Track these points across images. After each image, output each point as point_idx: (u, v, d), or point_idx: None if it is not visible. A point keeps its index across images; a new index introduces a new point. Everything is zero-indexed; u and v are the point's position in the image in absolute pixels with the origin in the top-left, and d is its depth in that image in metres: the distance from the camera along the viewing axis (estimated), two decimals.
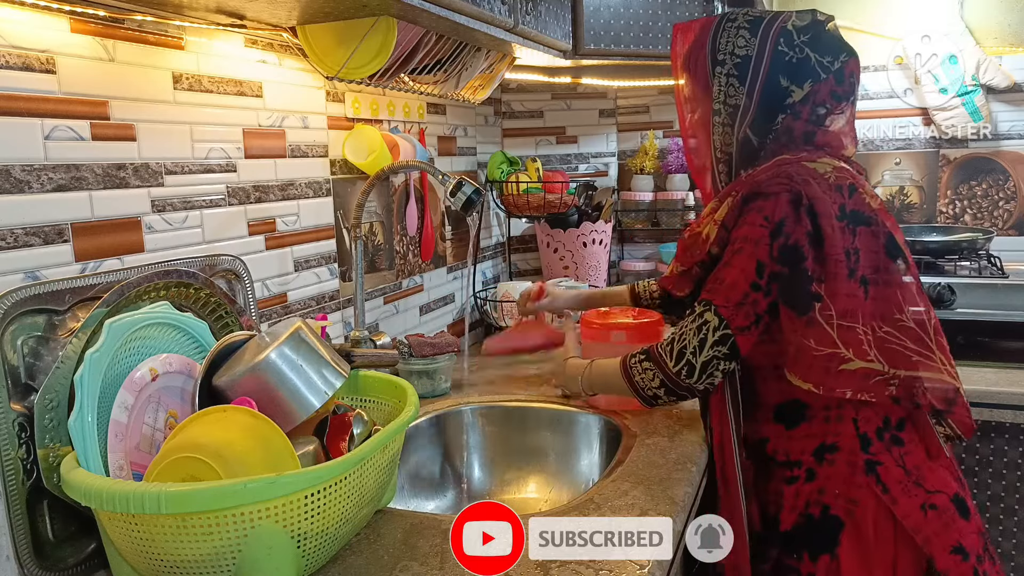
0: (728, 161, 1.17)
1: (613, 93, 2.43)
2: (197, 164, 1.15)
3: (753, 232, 1.06)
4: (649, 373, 1.12)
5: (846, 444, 1.08)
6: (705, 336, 1.07)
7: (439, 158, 1.92)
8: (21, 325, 0.86)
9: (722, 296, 1.07)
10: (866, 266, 1.05)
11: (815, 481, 1.09)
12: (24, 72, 0.90)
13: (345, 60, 1.25)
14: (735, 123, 1.14)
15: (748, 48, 1.12)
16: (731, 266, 1.07)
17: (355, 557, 0.95)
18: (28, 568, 0.85)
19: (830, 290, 1.03)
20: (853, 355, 1.03)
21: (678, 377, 1.09)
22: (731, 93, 1.14)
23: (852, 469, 1.06)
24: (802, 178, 1.05)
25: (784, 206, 1.04)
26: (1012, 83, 2.09)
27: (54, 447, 0.86)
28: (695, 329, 1.08)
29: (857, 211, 1.06)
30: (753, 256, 1.05)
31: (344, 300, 1.52)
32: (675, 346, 1.10)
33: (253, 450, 0.84)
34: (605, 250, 2.26)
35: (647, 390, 1.14)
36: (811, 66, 1.10)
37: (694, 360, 1.08)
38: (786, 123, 1.13)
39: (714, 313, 1.07)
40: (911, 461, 1.06)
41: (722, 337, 1.07)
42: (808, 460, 1.09)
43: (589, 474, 1.47)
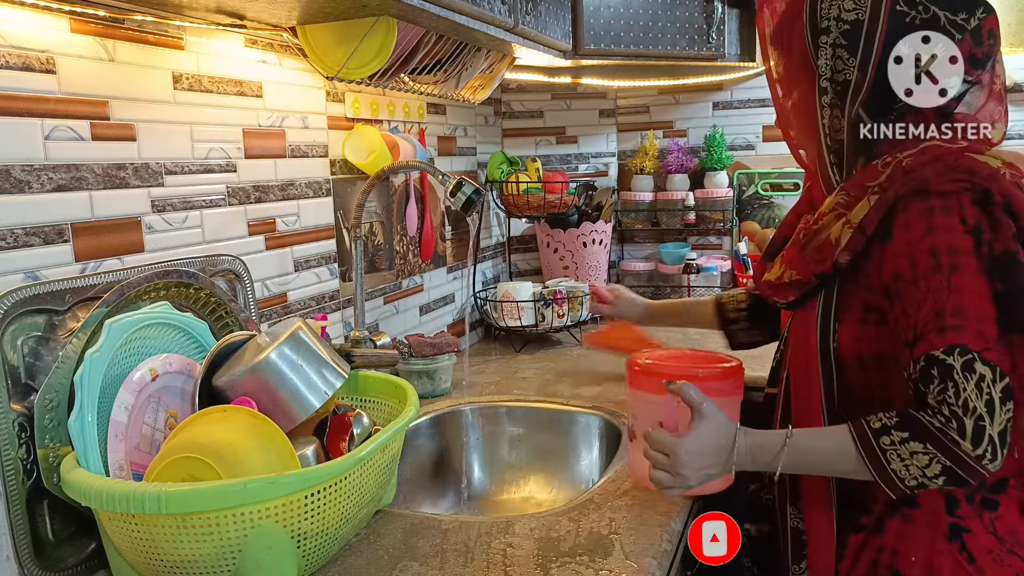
0: (839, 150, 0.96)
1: (613, 93, 2.43)
2: (197, 164, 1.15)
3: (958, 240, 0.83)
4: (923, 458, 0.82)
5: (928, 502, 0.90)
6: (991, 396, 0.80)
7: (439, 158, 1.92)
8: (21, 325, 0.86)
9: (975, 335, 0.81)
10: None
11: (883, 535, 0.91)
12: (24, 72, 0.90)
13: (345, 60, 1.25)
14: (845, 103, 0.93)
15: (858, 11, 0.91)
16: (956, 291, 0.82)
17: (355, 557, 0.96)
18: (28, 568, 0.85)
19: None
20: None
21: (979, 463, 0.80)
22: (839, 67, 0.93)
23: (933, 533, 0.89)
24: (988, 172, 0.85)
25: (970, 208, 0.83)
26: (1012, 83, 2.09)
27: (54, 447, 0.86)
28: (975, 391, 0.80)
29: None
30: (979, 270, 0.82)
31: (344, 300, 1.52)
32: (967, 422, 0.80)
33: (253, 450, 0.84)
34: (605, 250, 2.26)
35: (913, 479, 0.83)
36: (941, 27, 0.89)
37: (993, 434, 0.80)
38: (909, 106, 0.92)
39: (983, 363, 0.80)
40: (1004, 527, 0.89)
41: (1005, 391, 0.80)
42: (880, 509, 0.92)
43: (589, 474, 1.47)
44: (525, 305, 1.98)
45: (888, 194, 0.87)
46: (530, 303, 1.98)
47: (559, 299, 1.97)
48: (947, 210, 0.84)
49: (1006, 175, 0.86)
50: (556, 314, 1.97)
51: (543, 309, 1.98)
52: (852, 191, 0.92)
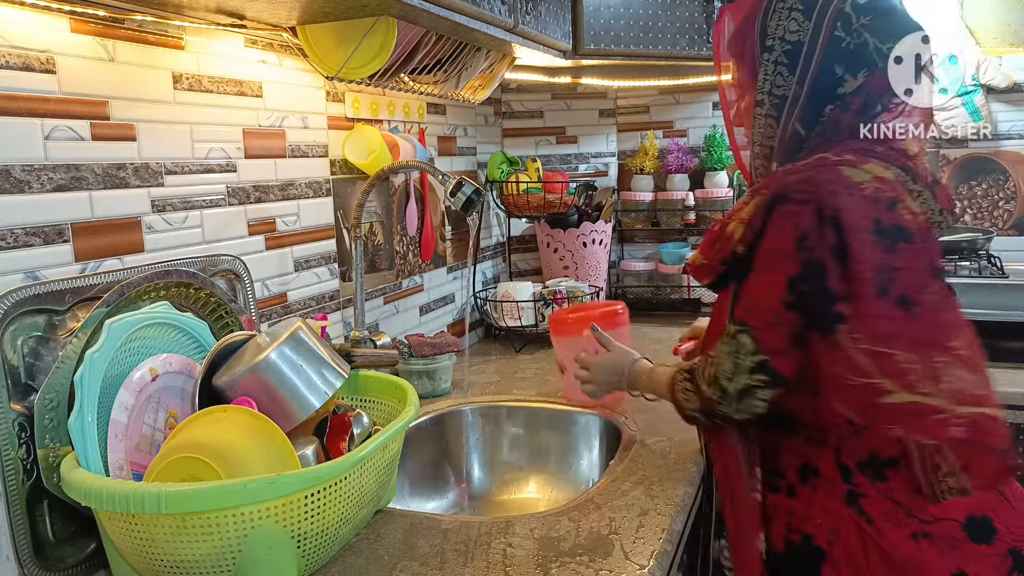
0: (768, 155, 1.08)
1: (613, 93, 2.43)
2: (197, 164, 1.15)
3: (782, 244, 0.96)
4: (689, 394, 1.04)
5: (826, 471, 1.00)
6: (740, 361, 0.97)
7: (439, 158, 1.92)
8: (21, 325, 0.86)
9: (755, 316, 0.98)
10: (909, 286, 0.94)
11: (795, 501, 1.02)
12: (24, 72, 0.90)
13: (345, 60, 1.25)
14: (781, 115, 1.04)
15: (800, 33, 1.01)
16: (761, 283, 0.98)
17: (355, 557, 0.96)
18: (28, 568, 0.85)
19: (857, 311, 0.93)
20: (898, 387, 0.91)
21: (710, 404, 1.00)
22: (779, 83, 1.03)
23: (834, 499, 0.99)
24: (831, 187, 0.94)
25: (809, 217, 0.94)
26: (1012, 83, 2.09)
27: (54, 447, 0.86)
28: (729, 352, 0.98)
29: (898, 226, 0.95)
30: (782, 271, 0.96)
31: (344, 300, 1.52)
32: (709, 368, 1.00)
33: (253, 450, 0.85)
34: (605, 250, 2.26)
35: (686, 410, 1.06)
36: (868, 53, 1.00)
37: (728, 386, 0.98)
38: (833, 115, 1.02)
39: (748, 336, 0.97)
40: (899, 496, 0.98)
41: (758, 363, 0.96)
42: (792, 475, 1.03)
43: (589, 474, 1.47)
44: (525, 305, 1.98)
45: (765, 197, 0.99)
46: (530, 303, 1.98)
47: (559, 299, 1.97)
48: (790, 216, 0.95)
49: (869, 189, 0.95)
50: None
51: (543, 309, 1.98)
52: (753, 194, 1.04)
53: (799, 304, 0.95)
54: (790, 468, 1.03)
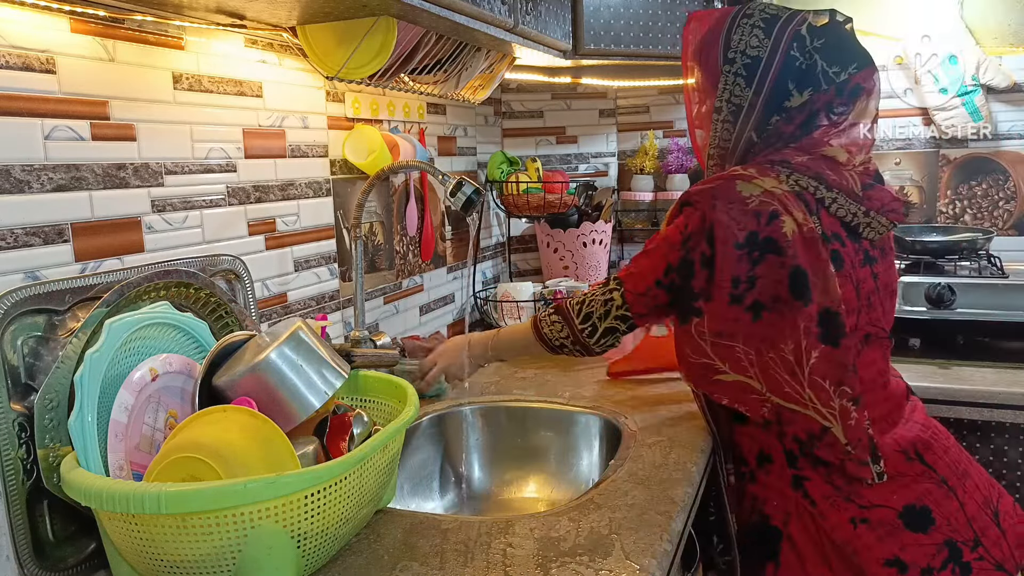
0: (723, 156, 1.19)
1: (613, 93, 2.43)
2: (197, 164, 1.15)
3: (672, 235, 1.13)
4: (558, 326, 1.26)
5: (777, 457, 1.12)
6: (609, 310, 1.20)
7: (439, 158, 1.92)
8: (21, 325, 0.86)
9: (632, 282, 1.18)
10: (764, 293, 1.07)
11: (756, 485, 1.15)
12: (24, 72, 0.90)
13: (345, 60, 1.25)
14: (736, 121, 1.15)
15: (760, 49, 1.11)
16: (648, 257, 1.17)
17: (355, 557, 0.96)
18: (28, 568, 0.85)
19: (710, 311, 1.09)
20: (729, 368, 1.10)
21: (582, 335, 1.23)
22: (736, 92, 1.13)
23: (783, 482, 1.11)
24: (715, 200, 1.08)
25: (696, 222, 1.10)
26: (1012, 83, 2.09)
27: (54, 447, 0.86)
28: (603, 301, 1.20)
29: (771, 239, 1.06)
30: (665, 257, 1.14)
31: (344, 300, 1.52)
32: (583, 308, 1.23)
33: (253, 450, 0.84)
34: (605, 250, 2.26)
35: (555, 340, 1.27)
36: (816, 74, 1.10)
37: (598, 324, 1.21)
38: (777, 125, 1.13)
39: (621, 295, 1.19)
40: (839, 479, 1.08)
41: (622, 316, 1.20)
42: (752, 463, 1.16)
43: (589, 474, 1.47)
44: (525, 305, 1.98)
45: (681, 198, 1.15)
46: (530, 303, 1.98)
47: (559, 299, 1.97)
48: (687, 216, 1.12)
49: (754, 202, 1.07)
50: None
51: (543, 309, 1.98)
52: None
53: (668, 288, 1.15)
54: (750, 455, 1.16)
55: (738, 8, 1.15)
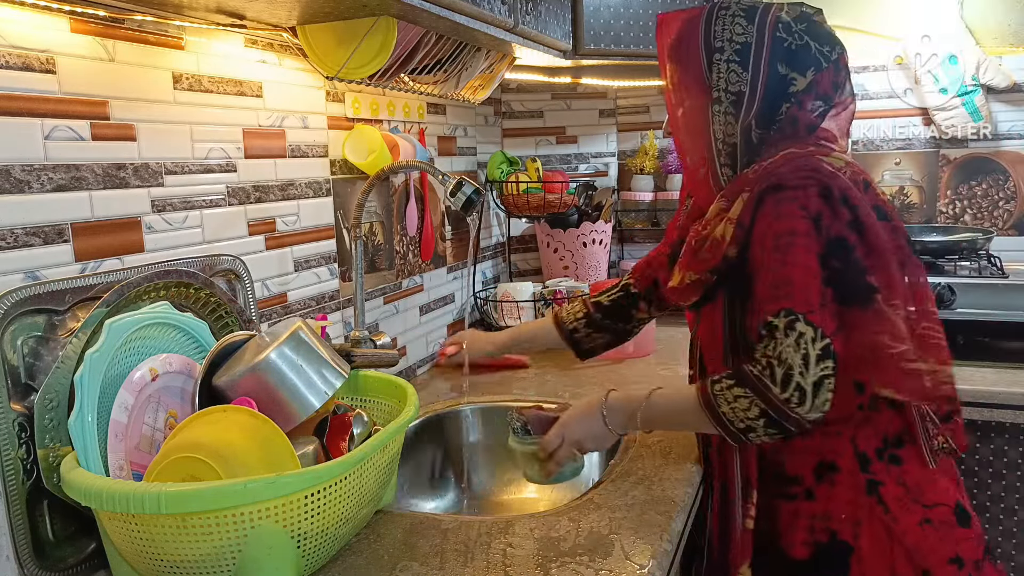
0: (732, 153, 1.09)
1: (613, 93, 2.43)
2: (197, 164, 1.15)
3: (796, 224, 0.95)
4: (743, 402, 0.94)
5: (846, 464, 1.03)
6: (807, 351, 0.91)
7: (439, 158, 1.92)
8: (21, 325, 0.86)
9: (801, 301, 0.93)
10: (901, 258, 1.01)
11: (815, 503, 1.03)
12: (24, 72, 0.90)
13: (345, 60, 1.25)
14: (739, 111, 1.08)
15: (747, 35, 1.07)
16: (788, 265, 0.94)
17: (355, 557, 0.96)
18: (28, 568, 0.85)
19: (884, 280, 0.97)
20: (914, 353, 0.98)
21: (786, 405, 0.91)
22: (733, 80, 1.07)
23: (855, 491, 1.02)
24: (829, 170, 0.98)
25: (815, 199, 0.96)
26: (1012, 83, 2.09)
27: (54, 447, 0.87)
28: (793, 345, 0.91)
29: (878, 206, 1.02)
30: (809, 249, 0.94)
31: (344, 300, 1.52)
32: (778, 368, 0.92)
33: (253, 450, 0.85)
34: (605, 250, 2.26)
35: (739, 421, 0.95)
36: (812, 54, 1.06)
37: (804, 383, 0.91)
38: (791, 113, 1.06)
39: (805, 322, 0.91)
40: (910, 479, 1.03)
41: (824, 349, 0.91)
42: (808, 478, 1.04)
43: (589, 474, 1.47)
44: (525, 305, 1.98)
45: (755, 191, 1.00)
46: (530, 303, 1.98)
47: (559, 299, 1.97)
48: (793, 200, 0.96)
49: (847, 173, 1.01)
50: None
51: (543, 309, 1.98)
52: (729, 196, 1.05)
53: (833, 280, 0.95)
54: (805, 470, 1.04)
55: (712, 3, 1.12)
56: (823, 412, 0.92)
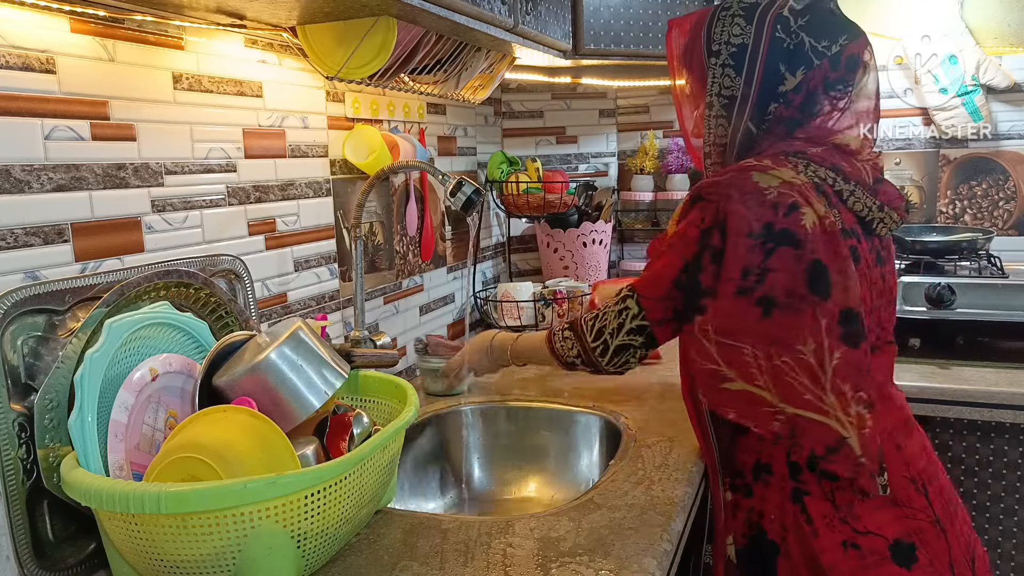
0: (722, 153, 1.13)
1: (613, 93, 2.43)
2: (197, 164, 1.15)
3: (689, 232, 1.06)
4: (568, 343, 1.18)
5: (778, 468, 1.04)
6: (623, 322, 1.11)
7: (439, 158, 1.92)
8: (21, 325, 0.86)
9: (647, 287, 1.10)
10: (776, 288, 0.98)
11: (752, 499, 1.07)
12: (24, 72, 0.90)
13: (345, 60, 1.25)
14: (731, 115, 1.09)
15: (744, 36, 1.07)
16: (662, 258, 1.09)
17: (355, 557, 0.96)
18: (28, 568, 0.85)
19: (715, 306, 1.02)
20: (737, 376, 1.00)
21: (593, 354, 1.15)
22: (727, 84, 1.09)
23: (782, 495, 1.04)
24: (730, 191, 1.01)
25: (712, 214, 1.03)
26: (1012, 83, 2.09)
27: (54, 447, 0.86)
28: (616, 312, 1.12)
29: (788, 231, 0.98)
30: (682, 255, 1.06)
31: (344, 300, 1.52)
32: (596, 323, 1.14)
33: (253, 450, 0.84)
34: (605, 250, 2.26)
35: (566, 357, 1.19)
36: (805, 52, 1.04)
37: (610, 341, 1.13)
38: (777, 112, 1.07)
39: (635, 302, 1.10)
40: (843, 498, 1.01)
41: (639, 327, 1.11)
42: (748, 474, 1.08)
43: (589, 474, 1.47)
44: (525, 305, 1.98)
45: (690, 195, 1.08)
46: (530, 303, 1.98)
47: (559, 299, 1.97)
48: (701, 210, 1.05)
49: (772, 194, 1.00)
50: (556, 314, 1.97)
51: (543, 309, 1.98)
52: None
53: (680, 288, 1.07)
54: (745, 467, 1.09)
55: (717, 4, 1.12)
56: (620, 370, 1.15)
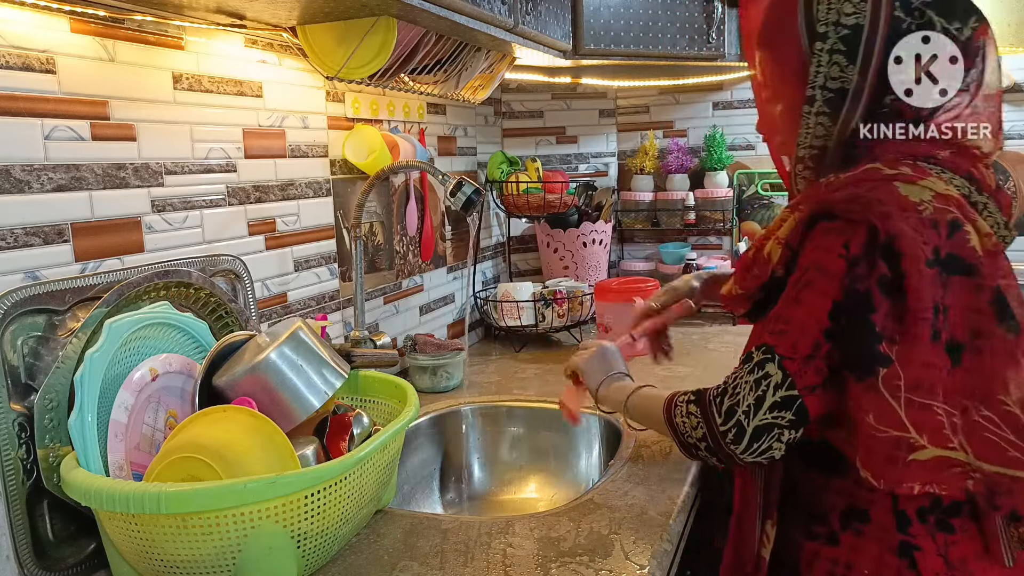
0: (818, 159, 0.93)
1: (613, 93, 2.43)
2: (197, 164, 1.15)
3: (829, 261, 0.83)
4: (693, 420, 0.91)
5: (879, 518, 0.88)
6: (764, 394, 0.84)
7: (439, 158, 1.92)
8: (21, 325, 0.86)
9: (788, 343, 0.84)
10: (959, 328, 0.81)
11: (838, 548, 0.90)
12: (24, 72, 0.90)
13: (345, 60, 1.25)
14: (839, 112, 0.90)
15: (858, 15, 0.87)
16: (800, 303, 0.85)
17: (355, 557, 0.96)
18: (28, 568, 0.85)
19: (904, 355, 0.80)
20: (928, 442, 0.80)
21: (723, 439, 0.87)
22: (834, 74, 0.89)
23: (882, 547, 0.87)
24: (884, 208, 0.81)
25: (860, 239, 0.81)
26: (1012, 83, 2.09)
27: (54, 447, 0.86)
28: (753, 383, 0.85)
29: (957, 257, 0.81)
30: (827, 294, 0.82)
31: (344, 300, 1.52)
32: (726, 399, 0.88)
33: (253, 450, 0.85)
34: (605, 250, 2.26)
35: (688, 437, 0.92)
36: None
37: (745, 423, 0.85)
38: (896, 108, 0.89)
39: (777, 366, 0.84)
40: (957, 553, 0.86)
41: (786, 399, 0.84)
42: (834, 521, 0.91)
43: (589, 474, 1.47)
44: (525, 305, 1.98)
45: (805, 212, 0.87)
46: (530, 303, 1.98)
47: (559, 299, 1.97)
48: (840, 234, 0.83)
49: (927, 210, 0.82)
50: (556, 314, 1.97)
51: (543, 309, 1.98)
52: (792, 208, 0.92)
53: (837, 338, 0.83)
54: (832, 512, 0.91)
55: None
56: (764, 460, 0.86)
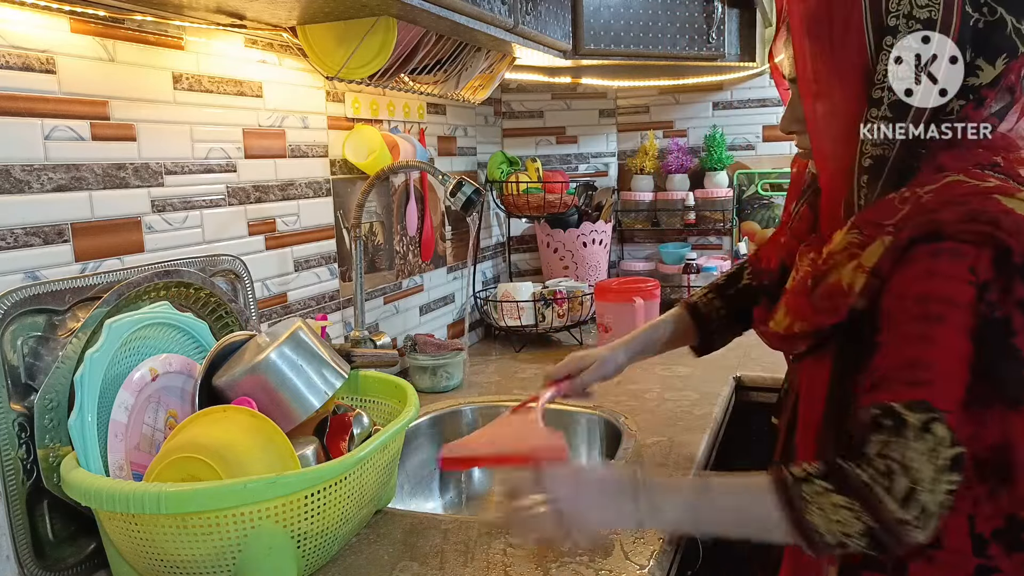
0: (881, 167, 0.82)
1: (613, 93, 2.43)
2: (197, 164, 1.15)
3: (955, 291, 0.73)
4: (845, 514, 0.73)
5: (954, 543, 0.80)
6: (938, 461, 0.72)
7: (439, 158, 1.92)
8: (21, 325, 0.86)
9: (943, 394, 0.73)
10: None
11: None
12: (24, 72, 0.90)
13: (345, 60, 1.25)
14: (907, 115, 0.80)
15: (931, 9, 0.79)
16: (932, 342, 0.74)
17: (355, 557, 0.96)
18: (28, 568, 0.85)
19: None
20: None
21: (902, 526, 0.72)
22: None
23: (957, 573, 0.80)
24: (1013, 223, 0.72)
25: (987, 259, 0.73)
26: None
27: (54, 447, 0.87)
28: (927, 453, 0.71)
29: None
30: (962, 327, 0.73)
31: (344, 300, 1.52)
32: (901, 479, 0.72)
33: (253, 450, 0.85)
34: (605, 250, 2.26)
35: (831, 535, 0.74)
36: (1007, 34, 0.78)
37: (930, 502, 0.71)
38: (964, 113, 0.80)
39: (944, 425, 0.72)
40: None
41: (955, 459, 0.72)
42: None
43: None
44: (525, 305, 1.98)
45: (902, 235, 0.76)
46: (530, 303, 1.98)
47: (559, 299, 1.97)
48: (959, 256, 0.73)
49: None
50: (556, 314, 1.97)
51: (543, 309, 1.98)
52: (866, 229, 0.80)
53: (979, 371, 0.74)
54: None
55: None
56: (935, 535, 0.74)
